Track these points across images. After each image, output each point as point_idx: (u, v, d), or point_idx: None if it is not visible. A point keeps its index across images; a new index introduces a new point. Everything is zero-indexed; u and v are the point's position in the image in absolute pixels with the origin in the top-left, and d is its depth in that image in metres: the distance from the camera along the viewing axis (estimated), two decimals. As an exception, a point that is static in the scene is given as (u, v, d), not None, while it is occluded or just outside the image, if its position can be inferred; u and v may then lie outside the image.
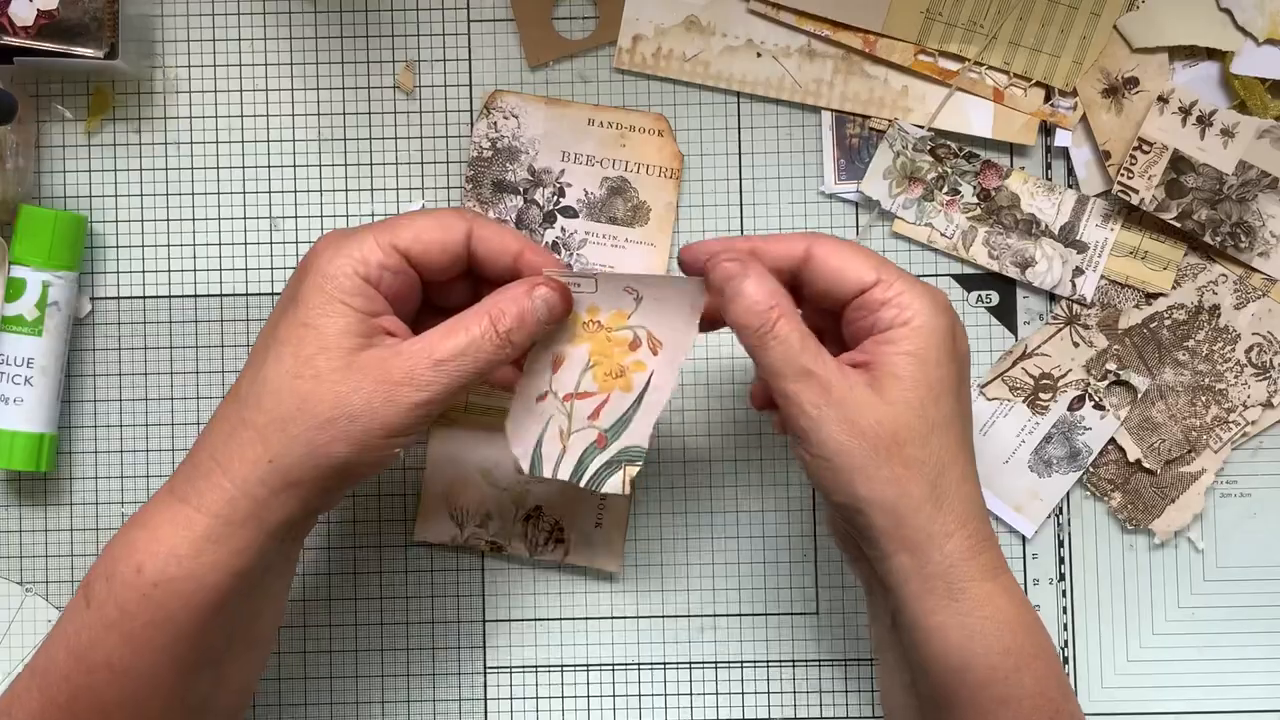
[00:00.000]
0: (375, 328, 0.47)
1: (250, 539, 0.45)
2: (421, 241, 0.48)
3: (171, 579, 0.45)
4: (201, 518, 0.45)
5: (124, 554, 0.45)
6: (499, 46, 0.61)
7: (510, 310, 0.47)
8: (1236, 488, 0.60)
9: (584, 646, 0.61)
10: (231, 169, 0.61)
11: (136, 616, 0.45)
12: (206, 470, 0.46)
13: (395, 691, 0.61)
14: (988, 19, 0.59)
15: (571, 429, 0.50)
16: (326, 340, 0.46)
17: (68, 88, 0.61)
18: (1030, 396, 0.60)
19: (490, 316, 0.47)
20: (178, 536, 0.45)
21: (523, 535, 0.60)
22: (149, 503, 0.47)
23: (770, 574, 0.61)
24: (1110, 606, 0.60)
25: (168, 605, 0.45)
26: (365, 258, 0.47)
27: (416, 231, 0.48)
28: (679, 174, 0.60)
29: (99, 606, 0.46)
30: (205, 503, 0.45)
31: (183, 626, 0.45)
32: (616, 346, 0.49)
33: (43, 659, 0.47)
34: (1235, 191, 0.58)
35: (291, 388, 0.45)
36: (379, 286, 0.47)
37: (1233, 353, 0.60)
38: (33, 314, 0.58)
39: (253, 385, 0.46)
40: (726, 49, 0.60)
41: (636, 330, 0.49)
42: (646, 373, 0.50)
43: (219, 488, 0.45)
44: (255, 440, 0.45)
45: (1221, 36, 0.58)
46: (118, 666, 0.45)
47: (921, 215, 0.60)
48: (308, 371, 0.45)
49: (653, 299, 0.48)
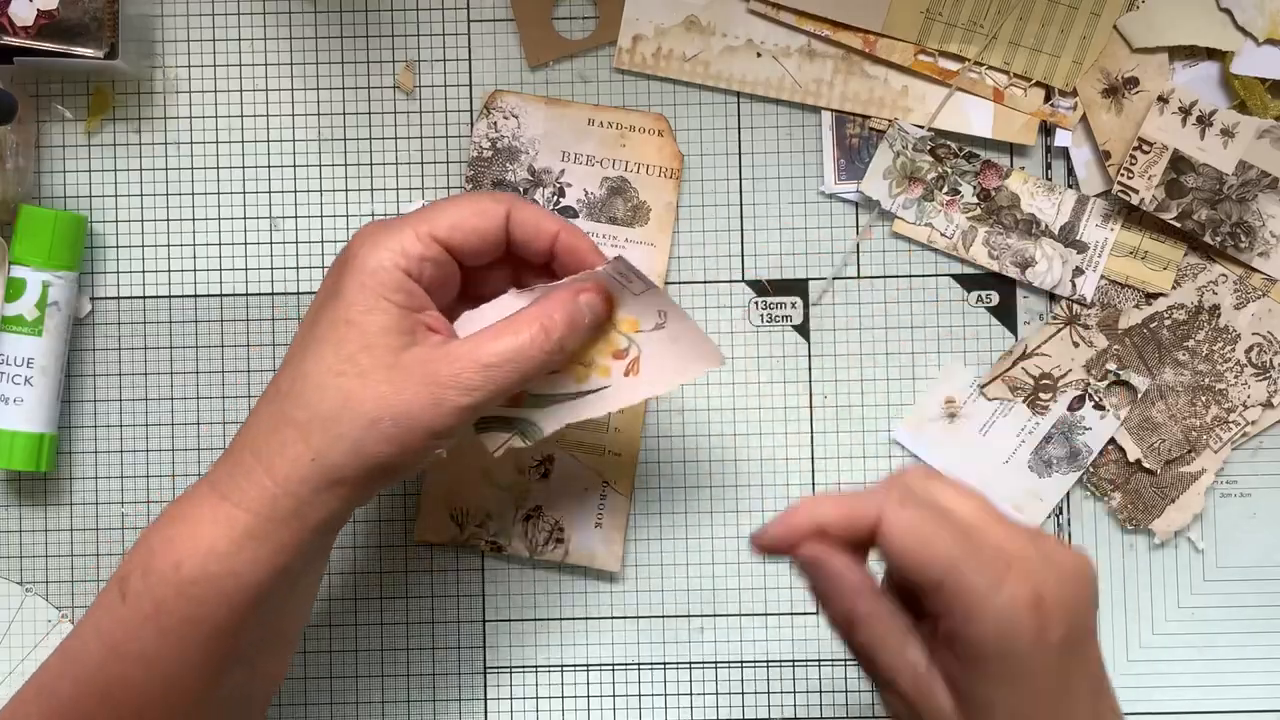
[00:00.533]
0: (418, 323, 0.46)
1: (292, 537, 0.45)
2: (461, 230, 0.47)
3: (211, 576, 0.44)
4: (243, 515, 0.45)
5: (162, 549, 0.45)
6: (499, 46, 0.61)
7: (559, 316, 0.46)
8: (1236, 488, 0.60)
9: (584, 646, 0.61)
10: (231, 169, 0.61)
11: (173, 613, 0.45)
12: (248, 468, 0.45)
13: (395, 691, 0.61)
14: (988, 19, 0.59)
15: None
16: (370, 338, 0.45)
17: (68, 88, 0.61)
18: (1030, 396, 0.60)
19: (542, 324, 0.46)
20: (218, 534, 0.45)
21: (523, 535, 0.60)
22: (186, 496, 0.47)
23: (770, 574, 0.61)
24: (1110, 606, 0.60)
25: (206, 602, 0.45)
26: (406, 250, 0.46)
27: (455, 220, 0.47)
28: (679, 174, 0.60)
29: (135, 600, 0.45)
30: (247, 500, 0.45)
31: (220, 623, 0.45)
32: (606, 343, 0.49)
33: (76, 646, 0.47)
34: (1235, 191, 0.58)
35: (335, 385, 0.45)
36: (420, 279, 0.46)
37: (1233, 353, 0.60)
38: (33, 314, 0.58)
39: (294, 382, 0.46)
40: (726, 49, 0.60)
41: (633, 345, 0.48)
42: (605, 382, 0.49)
43: (261, 486, 0.45)
44: (298, 438, 0.45)
45: (1221, 36, 0.58)
46: (153, 660, 0.45)
47: (921, 215, 0.60)
48: (351, 369, 0.45)
49: (671, 336, 0.47)
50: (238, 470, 0.46)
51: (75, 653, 0.47)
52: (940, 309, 0.61)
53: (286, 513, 0.45)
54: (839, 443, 0.60)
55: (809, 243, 0.61)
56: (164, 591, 0.45)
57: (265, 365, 0.61)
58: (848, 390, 0.60)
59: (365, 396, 0.44)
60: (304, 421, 0.45)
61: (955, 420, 0.60)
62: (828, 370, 0.61)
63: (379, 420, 0.44)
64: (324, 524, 0.46)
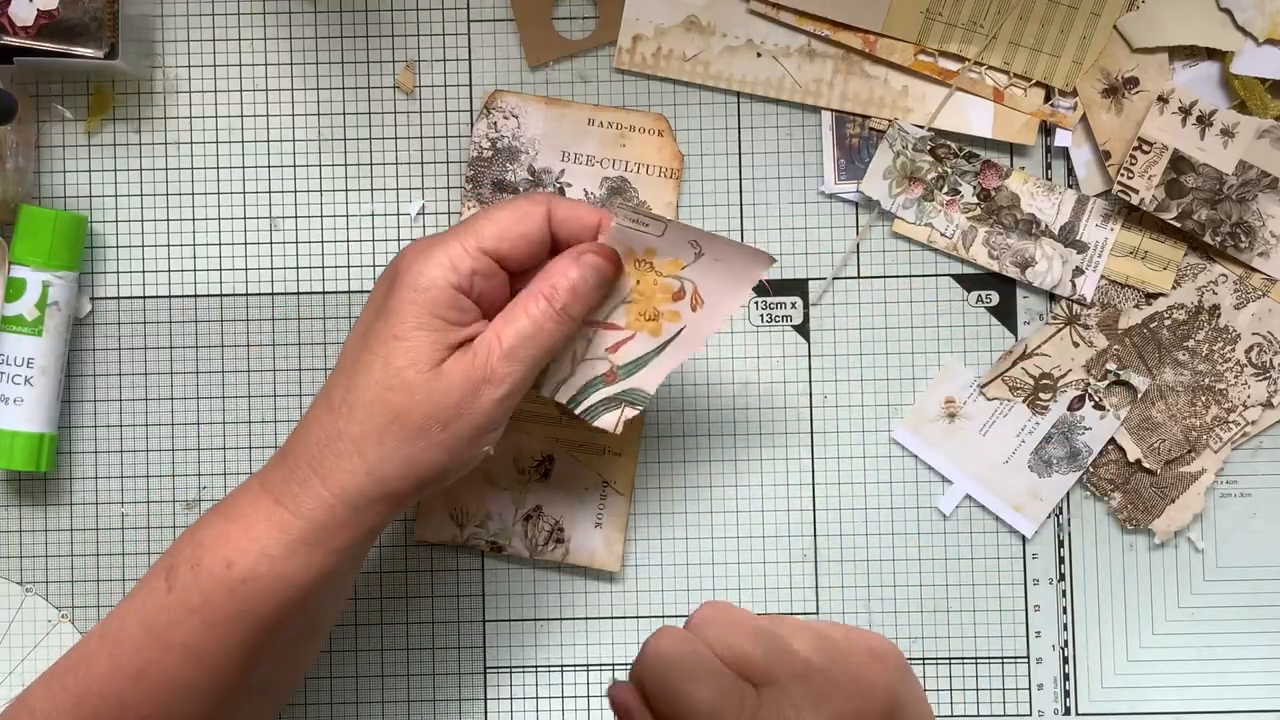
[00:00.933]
0: (465, 338, 0.47)
1: (344, 541, 0.47)
2: (506, 238, 0.48)
3: (260, 577, 0.46)
4: (298, 522, 0.46)
5: (213, 544, 0.46)
6: (499, 46, 0.61)
7: (562, 284, 0.47)
8: (1236, 488, 0.60)
9: (584, 646, 0.61)
10: (231, 169, 0.61)
11: (220, 608, 0.46)
12: (303, 477, 0.46)
13: (395, 691, 0.61)
14: (988, 19, 0.59)
15: (584, 355, 0.50)
16: (418, 354, 0.46)
17: (68, 88, 0.61)
18: (1030, 396, 0.60)
19: (544, 295, 0.47)
20: (271, 536, 0.46)
21: (523, 535, 0.60)
22: (239, 494, 0.48)
23: (770, 574, 0.61)
24: (1110, 606, 0.60)
25: (252, 601, 0.46)
26: (455, 265, 0.47)
27: (499, 229, 0.48)
28: (679, 174, 0.60)
29: (182, 591, 0.46)
30: (303, 509, 0.46)
31: (264, 620, 0.46)
32: (660, 291, 0.49)
33: (115, 625, 0.48)
34: (1235, 191, 0.58)
35: (384, 400, 0.46)
36: (471, 293, 0.47)
37: (1233, 353, 0.60)
38: (33, 314, 0.58)
39: (347, 394, 0.47)
40: (726, 49, 0.60)
41: (685, 281, 0.49)
42: (679, 325, 0.49)
43: (318, 496, 0.46)
44: (353, 452, 0.46)
45: (1221, 36, 0.58)
46: (193, 649, 0.46)
47: (921, 215, 0.60)
48: (398, 383, 0.46)
49: (713, 258, 0.48)
50: (293, 478, 0.47)
51: (115, 633, 0.48)
52: (940, 309, 0.61)
53: (340, 522, 0.46)
54: (839, 443, 0.60)
55: (809, 243, 0.61)
56: (213, 586, 0.46)
57: (265, 365, 0.61)
58: (848, 390, 0.60)
59: (413, 410, 0.46)
60: (358, 436, 0.46)
61: (955, 420, 0.60)
62: (828, 370, 0.61)
63: (427, 429, 0.46)
64: (375, 528, 0.47)
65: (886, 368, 0.60)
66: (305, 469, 0.47)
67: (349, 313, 0.61)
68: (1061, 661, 0.60)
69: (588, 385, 0.50)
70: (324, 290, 0.61)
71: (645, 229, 0.48)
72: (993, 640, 0.60)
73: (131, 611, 0.47)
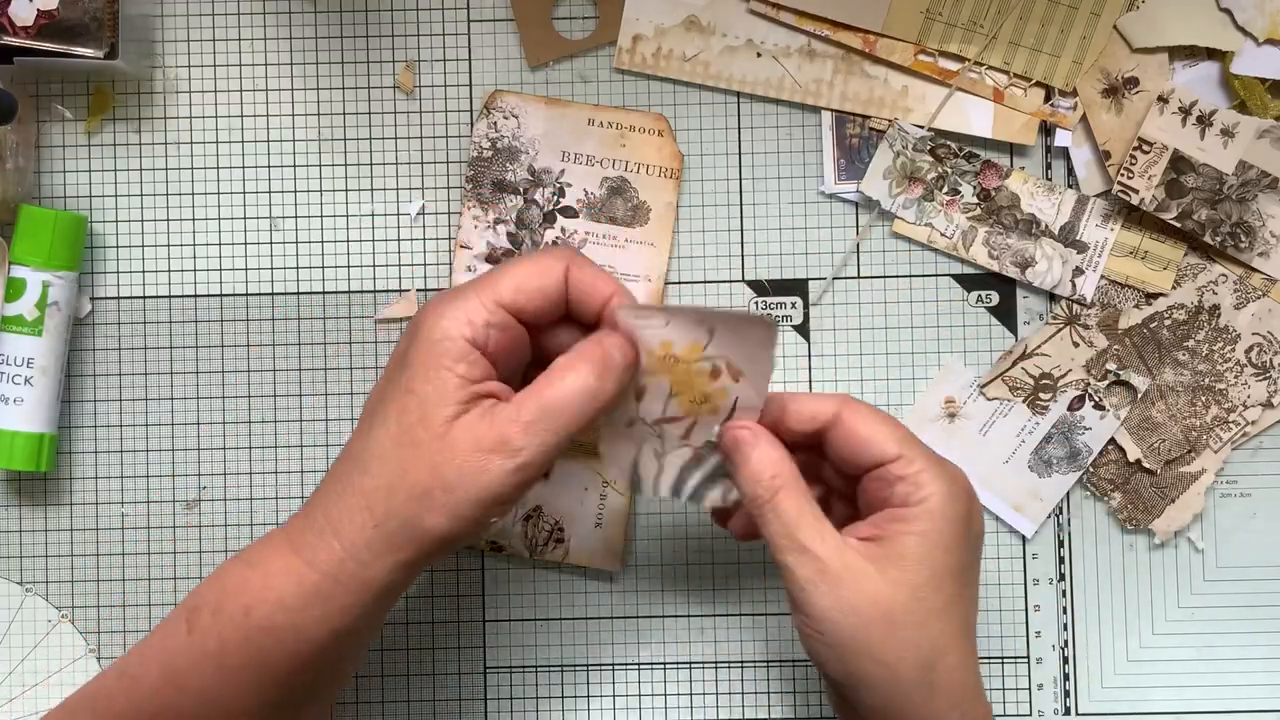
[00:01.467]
0: (476, 394, 0.46)
1: (354, 599, 0.46)
2: (524, 291, 0.47)
3: (276, 627, 0.46)
4: (312, 574, 0.46)
5: (235, 590, 0.46)
6: (499, 46, 0.61)
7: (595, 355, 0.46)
8: (1236, 488, 0.60)
9: (584, 646, 0.61)
10: (231, 169, 0.61)
11: (236, 655, 0.46)
12: (319, 527, 0.46)
13: (395, 691, 0.61)
14: (988, 19, 0.59)
15: (666, 449, 0.50)
16: (428, 409, 0.45)
17: (68, 88, 0.61)
18: (1030, 396, 0.60)
19: (576, 370, 0.46)
20: (288, 588, 0.46)
21: (523, 535, 0.60)
22: (264, 542, 0.48)
23: (770, 574, 0.61)
24: (1110, 606, 0.60)
25: (268, 650, 0.46)
26: (470, 319, 0.46)
27: (517, 282, 0.47)
28: (679, 174, 0.60)
29: (201, 635, 0.46)
30: (317, 560, 0.46)
31: (277, 671, 0.46)
32: (697, 377, 0.48)
33: (135, 665, 0.48)
34: (1235, 191, 0.58)
35: (395, 455, 0.45)
36: (486, 348, 0.46)
37: (1233, 353, 0.60)
38: (33, 314, 0.58)
39: (363, 448, 0.46)
40: (726, 49, 0.60)
41: (715, 361, 0.48)
42: (731, 398, 0.48)
43: (329, 548, 0.46)
44: (363, 506, 0.46)
45: (1221, 36, 0.58)
46: (209, 696, 0.46)
47: (921, 215, 0.60)
48: (408, 440, 0.45)
49: (727, 330, 0.47)
50: (310, 528, 0.47)
51: (133, 672, 0.48)
52: (940, 309, 0.61)
53: (350, 577, 0.46)
54: (839, 443, 0.60)
55: (809, 243, 0.61)
56: (231, 633, 0.46)
57: (265, 365, 0.61)
58: (848, 390, 0.60)
59: (420, 468, 0.45)
60: (369, 490, 0.46)
61: (955, 420, 0.60)
62: (828, 370, 0.61)
63: (429, 492, 0.45)
64: (386, 590, 0.46)
65: (886, 368, 0.60)
66: (321, 520, 0.46)
67: (349, 313, 0.61)
68: (1061, 661, 0.60)
69: (681, 472, 0.50)
70: (324, 290, 0.61)
71: (649, 324, 0.47)
72: (993, 640, 0.60)
73: (152, 653, 0.48)
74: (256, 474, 0.61)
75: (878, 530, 0.47)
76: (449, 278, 0.60)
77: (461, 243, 0.60)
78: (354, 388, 0.61)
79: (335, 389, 0.61)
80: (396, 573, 0.46)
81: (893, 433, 0.48)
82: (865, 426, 0.48)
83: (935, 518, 0.46)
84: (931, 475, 0.47)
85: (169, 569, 0.61)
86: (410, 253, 0.61)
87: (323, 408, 0.61)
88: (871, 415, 0.48)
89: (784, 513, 0.46)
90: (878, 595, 0.45)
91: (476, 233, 0.60)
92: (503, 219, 0.60)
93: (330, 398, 0.61)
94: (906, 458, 0.47)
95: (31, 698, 0.61)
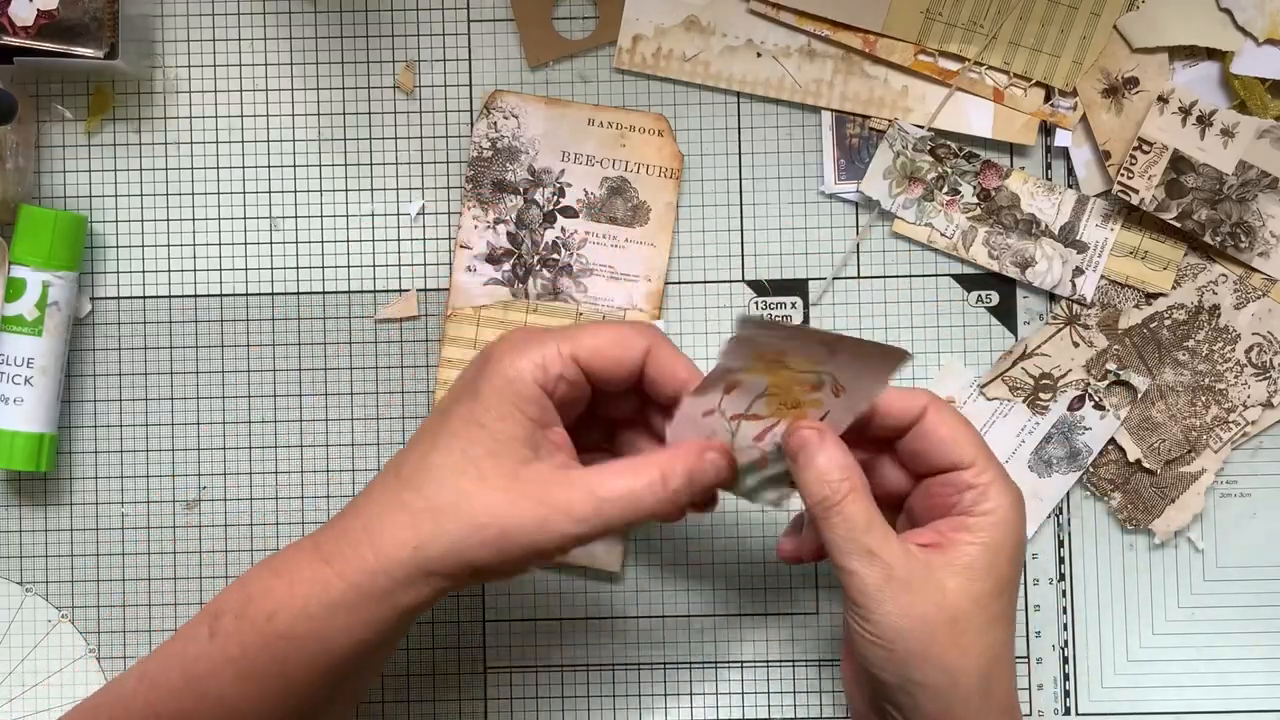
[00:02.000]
0: (544, 440, 0.47)
1: (380, 614, 0.46)
2: (602, 357, 0.47)
3: (299, 636, 0.46)
4: (339, 583, 0.45)
5: (259, 597, 0.46)
6: (499, 46, 0.61)
7: (679, 469, 0.46)
8: (1236, 488, 0.60)
9: (584, 646, 0.61)
10: (231, 169, 0.61)
11: (256, 661, 0.46)
12: (355, 539, 0.46)
13: (395, 691, 0.61)
14: (988, 19, 0.59)
15: (735, 445, 0.49)
16: (498, 444, 0.45)
17: (68, 88, 0.61)
18: (1030, 396, 0.60)
19: (662, 472, 0.46)
20: (313, 595, 0.46)
21: (523, 535, 0.60)
22: (292, 549, 0.48)
23: (770, 574, 0.61)
24: (1110, 606, 0.60)
25: (288, 659, 0.46)
26: (546, 366, 0.46)
27: (597, 346, 0.47)
28: (679, 174, 0.60)
29: (223, 640, 0.46)
30: (347, 570, 0.46)
31: (296, 681, 0.46)
32: (798, 385, 0.48)
33: (155, 669, 0.48)
34: (1235, 191, 0.58)
35: (455, 484, 0.45)
36: (553, 395, 0.47)
37: (1233, 353, 0.60)
38: (33, 314, 0.58)
39: (418, 469, 0.46)
40: (726, 49, 0.60)
41: (823, 374, 0.47)
42: (823, 410, 0.48)
43: (363, 559, 0.46)
44: (408, 524, 0.45)
45: (1221, 36, 0.58)
46: (228, 701, 0.46)
47: (921, 215, 0.60)
48: (472, 470, 0.45)
49: (849, 354, 0.46)
50: (344, 539, 0.46)
51: (153, 676, 0.48)
52: (940, 309, 0.61)
53: (379, 591, 0.46)
54: (839, 443, 0.60)
55: (809, 243, 0.61)
56: (253, 639, 0.46)
57: (265, 365, 0.61)
58: (848, 390, 0.60)
59: (479, 501, 0.45)
60: (418, 510, 0.45)
61: (955, 420, 0.60)
62: (828, 370, 0.61)
63: (485, 527, 0.45)
64: (411, 609, 0.46)
65: (886, 368, 0.60)
66: (359, 532, 0.46)
67: (349, 313, 0.61)
68: (1061, 661, 0.60)
69: (744, 470, 0.49)
70: (324, 290, 0.61)
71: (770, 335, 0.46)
72: (993, 640, 0.60)
73: (173, 655, 0.47)
74: (256, 474, 0.61)
75: (941, 537, 0.47)
76: (449, 278, 0.60)
77: (461, 243, 0.60)
78: (354, 388, 0.61)
79: (335, 389, 0.61)
80: (425, 594, 0.46)
81: (972, 438, 0.48)
82: (947, 428, 0.48)
83: (1000, 529, 0.46)
84: (999, 488, 0.47)
85: (169, 569, 0.61)
86: (410, 253, 0.61)
87: (323, 408, 0.61)
88: (954, 418, 0.48)
89: (851, 516, 0.46)
90: (944, 603, 0.45)
91: (476, 233, 0.60)
92: (503, 219, 0.60)
93: (330, 398, 0.61)
94: (980, 466, 0.47)
95: (31, 698, 0.61)
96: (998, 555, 0.46)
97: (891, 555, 0.45)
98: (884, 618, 0.45)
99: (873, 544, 0.45)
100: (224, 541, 0.61)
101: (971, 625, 0.46)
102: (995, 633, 0.46)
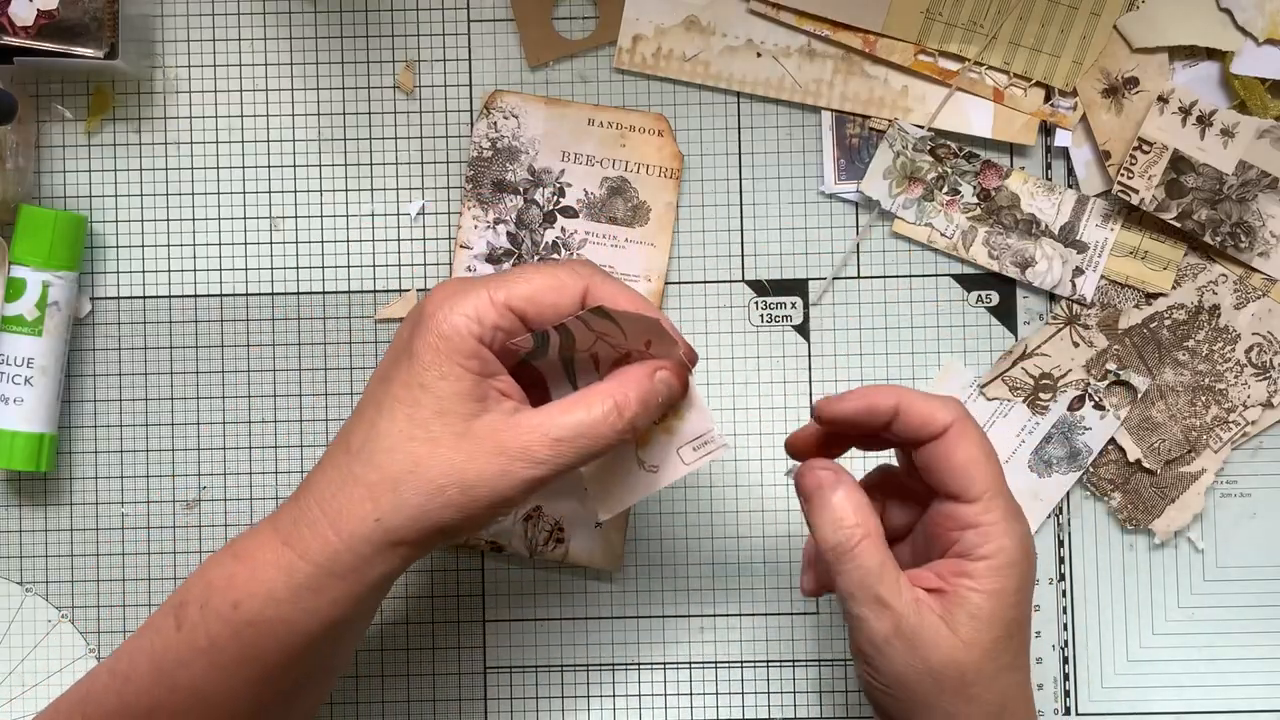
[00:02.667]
0: (490, 389, 0.46)
1: (349, 590, 0.45)
2: (536, 304, 0.46)
3: (267, 621, 0.45)
4: (304, 565, 0.45)
5: (222, 585, 0.46)
6: (499, 46, 0.61)
7: (632, 397, 0.46)
8: (1236, 488, 0.60)
9: (584, 646, 0.61)
10: (231, 169, 0.61)
11: (226, 650, 0.45)
12: (312, 519, 0.46)
13: (395, 691, 0.61)
14: (988, 19, 0.59)
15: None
16: (443, 403, 0.45)
17: (68, 88, 0.61)
18: (1030, 396, 0.60)
19: (615, 401, 0.46)
20: (278, 580, 0.45)
21: (523, 535, 0.60)
22: (251, 534, 0.47)
23: (770, 574, 0.61)
24: (1110, 606, 0.60)
25: (258, 644, 0.45)
26: (480, 317, 0.45)
27: (532, 291, 0.46)
28: (679, 174, 0.60)
29: (190, 631, 0.46)
30: (310, 552, 0.45)
31: (269, 665, 0.46)
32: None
33: (124, 663, 0.47)
34: (1235, 191, 0.58)
35: (406, 449, 0.45)
36: (491, 346, 0.46)
37: (1233, 353, 0.60)
38: (33, 314, 0.58)
39: (367, 440, 0.46)
40: (726, 49, 0.60)
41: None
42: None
43: (324, 539, 0.45)
44: (365, 498, 0.45)
45: (1221, 36, 0.58)
46: (201, 690, 0.46)
47: (921, 215, 0.60)
48: (421, 434, 0.45)
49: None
50: (303, 520, 0.46)
51: (123, 671, 0.47)
52: (940, 309, 0.61)
53: (345, 568, 0.45)
54: (839, 443, 0.60)
55: (809, 243, 0.61)
56: (220, 629, 0.45)
57: (265, 365, 0.61)
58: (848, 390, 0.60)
59: (434, 464, 0.45)
60: (373, 483, 0.45)
61: (955, 420, 0.60)
62: (828, 370, 0.61)
63: (445, 488, 0.45)
64: (381, 580, 0.46)
65: (886, 368, 0.60)
66: (316, 511, 0.46)
67: (349, 313, 0.61)
68: (1061, 662, 0.60)
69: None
70: (324, 290, 0.61)
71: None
72: (993, 640, 0.60)
73: (141, 650, 0.47)
74: (256, 474, 0.61)
75: (944, 584, 0.46)
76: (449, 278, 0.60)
77: (461, 243, 0.60)
78: (354, 388, 0.61)
79: (335, 389, 0.61)
80: (394, 564, 0.46)
81: (985, 471, 0.46)
82: (963, 454, 0.46)
83: (1003, 574, 0.45)
84: (1003, 529, 0.45)
85: (169, 569, 0.61)
86: (410, 253, 0.61)
87: (323, 408, 0.61)
88: (975, 445, 0.46)
89: (865, 563, 0.45)
90: (953, 656, 0.44)
91: (476, 233, 0.60)
92: (503, 219, 0.60)
93: (330, 398, 0.61)
94: (985, 504, 0.46)
95: (31, 698, 0.61)
96: (1002, 601, 0.45)
97: (902, 605, 0.45)
98: (891, 669, 0.45)
99: (884, 593, 0.45)
100: (224, 542, 0.61)
101: (981, 676, 0.45)
102: (1007, 678, 0.45)
